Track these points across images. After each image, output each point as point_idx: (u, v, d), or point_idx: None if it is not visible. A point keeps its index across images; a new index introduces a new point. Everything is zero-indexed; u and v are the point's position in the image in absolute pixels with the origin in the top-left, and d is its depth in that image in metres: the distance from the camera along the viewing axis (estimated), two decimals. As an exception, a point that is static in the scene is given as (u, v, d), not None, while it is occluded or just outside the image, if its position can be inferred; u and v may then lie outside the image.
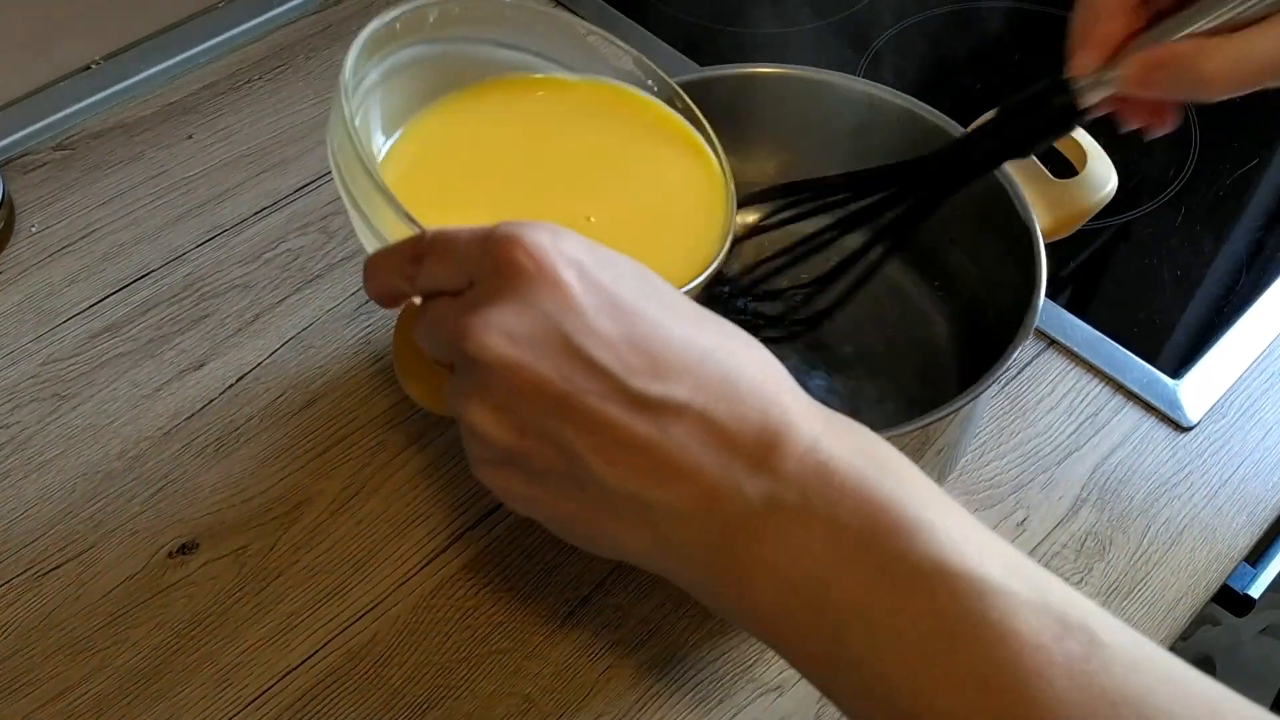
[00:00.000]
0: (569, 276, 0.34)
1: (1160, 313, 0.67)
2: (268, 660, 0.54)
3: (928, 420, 0.48)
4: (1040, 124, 0.48)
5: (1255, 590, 0.67)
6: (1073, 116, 0.47)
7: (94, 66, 0.78)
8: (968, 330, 0.60)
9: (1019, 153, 0.50)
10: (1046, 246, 0.54)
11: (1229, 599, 0.66)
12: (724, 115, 0.55)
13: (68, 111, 0.76)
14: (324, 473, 0.60)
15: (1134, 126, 0.48)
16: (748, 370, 0.34)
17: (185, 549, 0.57)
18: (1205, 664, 0.98)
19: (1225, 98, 0.42)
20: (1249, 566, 0.67)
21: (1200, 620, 0.80)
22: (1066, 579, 0.56)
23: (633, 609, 0.56)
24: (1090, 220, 0.58)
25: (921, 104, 0.59)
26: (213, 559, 0.57)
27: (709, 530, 0.33)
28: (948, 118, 0.58)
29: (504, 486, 0.37)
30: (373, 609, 0.56)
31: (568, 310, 0.33)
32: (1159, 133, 0.48)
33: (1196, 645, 1.02)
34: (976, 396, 0.49)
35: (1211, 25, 0.42)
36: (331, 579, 0.56)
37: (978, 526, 0.33)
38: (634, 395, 0.33)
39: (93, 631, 0.55)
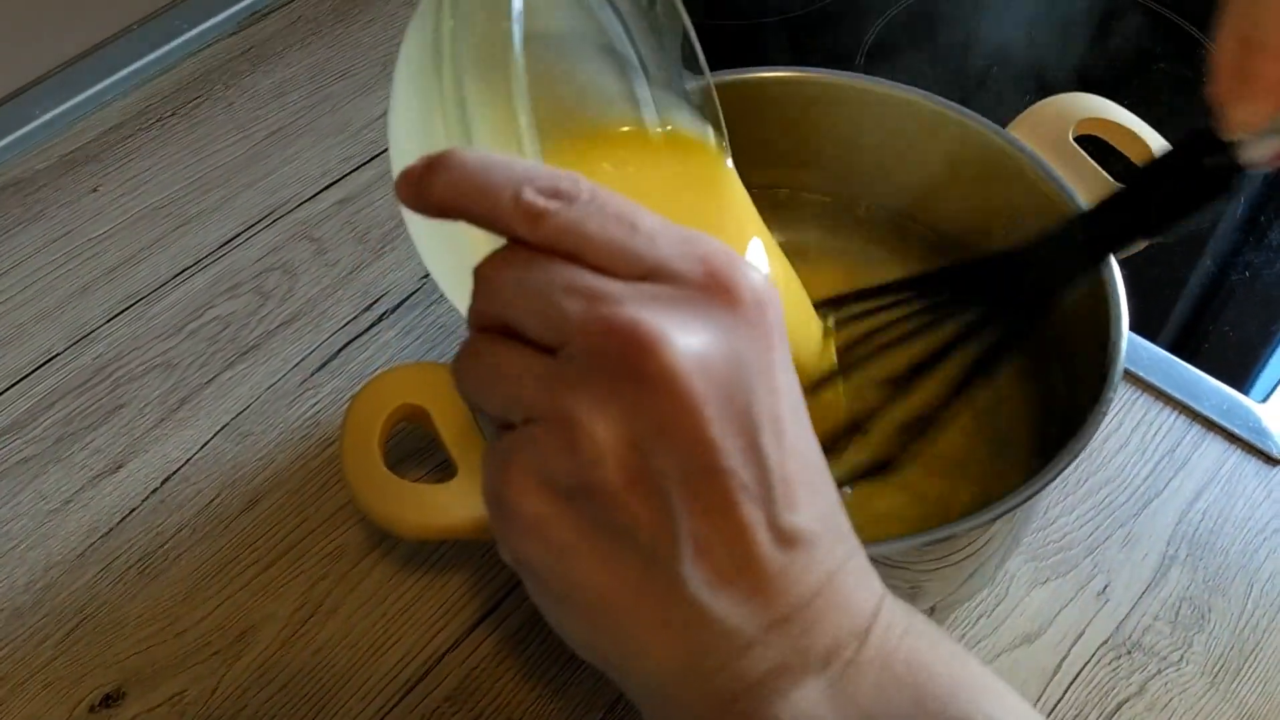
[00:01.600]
0: (777, 338, 0.28)
1: (1233, 325, 0.58)
2: (216, 839, 0.44)
3: (1004, 508, 0.39)
4: (1188, 193, 0.38)
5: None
6: (1231, 179, 0.37)
7: (-21, 116, 0.68)
8: (1035, 370, 0.51)
9: (1158, 231, 0.40)
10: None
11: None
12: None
13: (-50, 170, 0.66)
14: (272, 592, 0.50)
15: None
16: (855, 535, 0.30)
17: (109, 700, 0.48)
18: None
19: None
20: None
21: None
22: (1163, 658, 0.48)
23: (653, 738, 0.46)
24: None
25: (977, 116, 0.50)
26: (143, 710, 0.47)
27: (757, 663, 0.28)
28: (1001, 128, 0.49)
29: (540, 516, 0.28)
30: (340, 761, 0.46)
31: (766, 376, 0.27)
32: None
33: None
34: (1054, 476, 0.40)
35: None
36: (288, 727, 0.47)
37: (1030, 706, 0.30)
38: (772, 509, 0.27)
39: (0, 817, 0.45)
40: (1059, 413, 0.49)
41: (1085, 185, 0.48)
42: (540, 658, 0.49)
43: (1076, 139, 0.50)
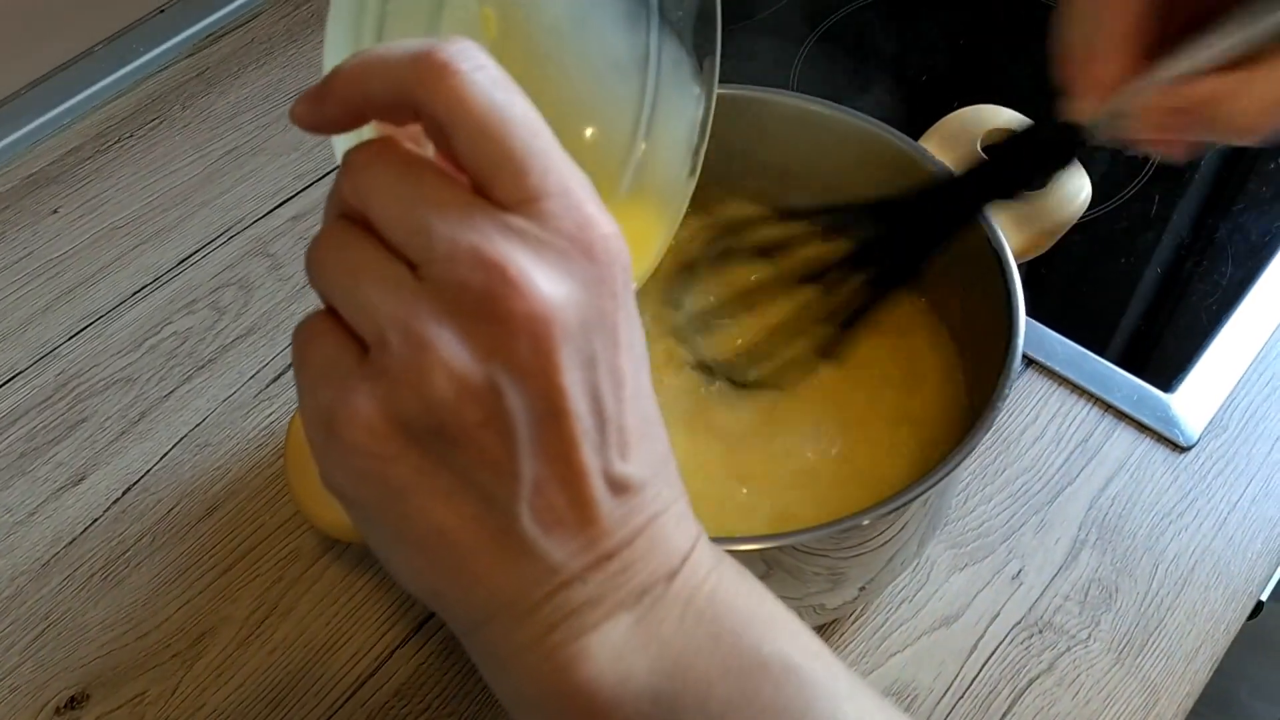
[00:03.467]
0: (623, 294, 0.28)
1: (1144, 319, 0.61)
2: (177, 830, 0.47)
3: (906, 498, 0.42)
4: (1035, 162, 0.44)
5: (1264, 593, 0.62)
6: (1073, 151, 0.42)
7: (-59, 141, 0.70)
8: (961, 370, 0.53)
9: (1009, 192, 0.45)
10: (1021, 270, 0.47)
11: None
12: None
13: (-86, 195, 0.68)
14: (229, 595, 0.53)
15: (1143, 153, 0.43)
16: (681, 484, 0.31)
17: (74, 703, 0.50)
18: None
19: (1263, 141, 0.37)
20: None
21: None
22: (1072, 637, 0.51)
23: (592, 723, 0.49)
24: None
25: (888, 127, 0.53)
26: (106, 712, 0.50)
27: (576, 596, 0.29)
28: (908, 137, 0.52)
29: (381, 455, 0.27)
30: (295, 753, 0.49)
31: (610, 330, 0.28)
32: (1182, 161, 0.43)
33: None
34: (955, 465, 0.43)
35: (1233, 53, 0.36)
36: (245, 722, 0.49)
37: (826, 646, 0.32)
38: (608, 456, 0.28)
39: (-29, 815, 0.47)
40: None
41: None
42: (486, 651, 0.51)
43: (985, 148, 0.53)
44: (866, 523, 0.44)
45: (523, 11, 0.33)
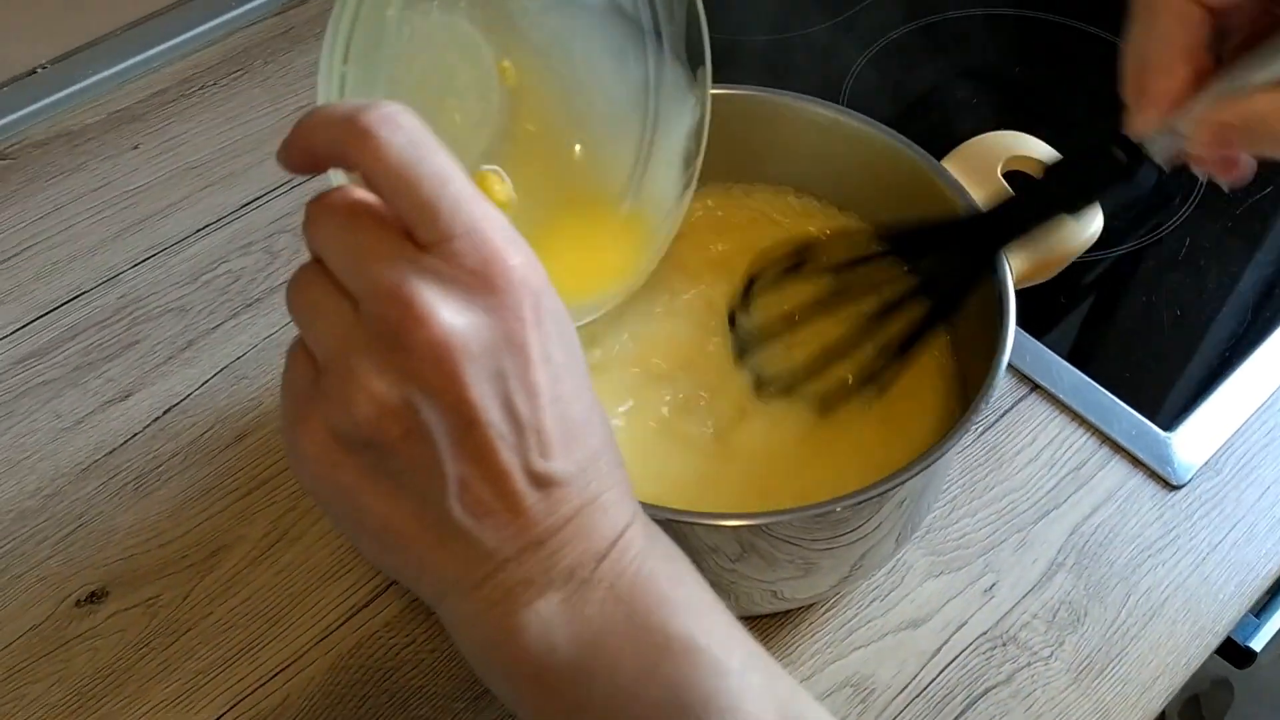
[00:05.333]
0: (531, 319, 0.32)
1: (1156, 357, 0.62)
2: (170, 723, 0.51)
3: (863, 497, 0.44)
4: (1097, 178, 0.45)
5: (1258, 643, 0.63)
6: (1135, 169, 0.43)
7: (40, 71, 0.74)
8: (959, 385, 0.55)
9: (1072, 207, 0.47)
10: (1020, 293, 0.49)
11: (1230, 651, 0.62)
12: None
13: (10, 119, 0.73)
14: (246, 516, 0.57)
15: (1206, 177, 0.44)
16: (618, 475, 0.35)
17: (94, 597, 0.54)
18: (1222, 686, 0.93)
19: None
20: (1253, 617, 0.63)
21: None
22: (1034, 653, 0.52)
23: (562, 676, 0.52)
24: (1088, 250, 0.53)
25: (914, 145, 0.54)
26: (121, 609, 0.54)
27: (512, 576, 0.33)
28: (924, 150, 0.54)
29: (329, 461, 0.32)
30: (286, 668, 0.52)
31: (520, 350, 0.32)
32: (1234, 184, 0.44)
33: (1212, 667, 0.97)
34: (923, 469, 0.45)
35: None
36: (245, 634, 0.53)
37: (736, 625, 0.36)
38: (528, 456, 0.32)
39: (-10, 686, 0.52)
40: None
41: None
42: (474, 598, 0.54)
43: (1006, 174, 0.55)
44: (839, 510, 0.45)
45: (537, 58, 0.37)
